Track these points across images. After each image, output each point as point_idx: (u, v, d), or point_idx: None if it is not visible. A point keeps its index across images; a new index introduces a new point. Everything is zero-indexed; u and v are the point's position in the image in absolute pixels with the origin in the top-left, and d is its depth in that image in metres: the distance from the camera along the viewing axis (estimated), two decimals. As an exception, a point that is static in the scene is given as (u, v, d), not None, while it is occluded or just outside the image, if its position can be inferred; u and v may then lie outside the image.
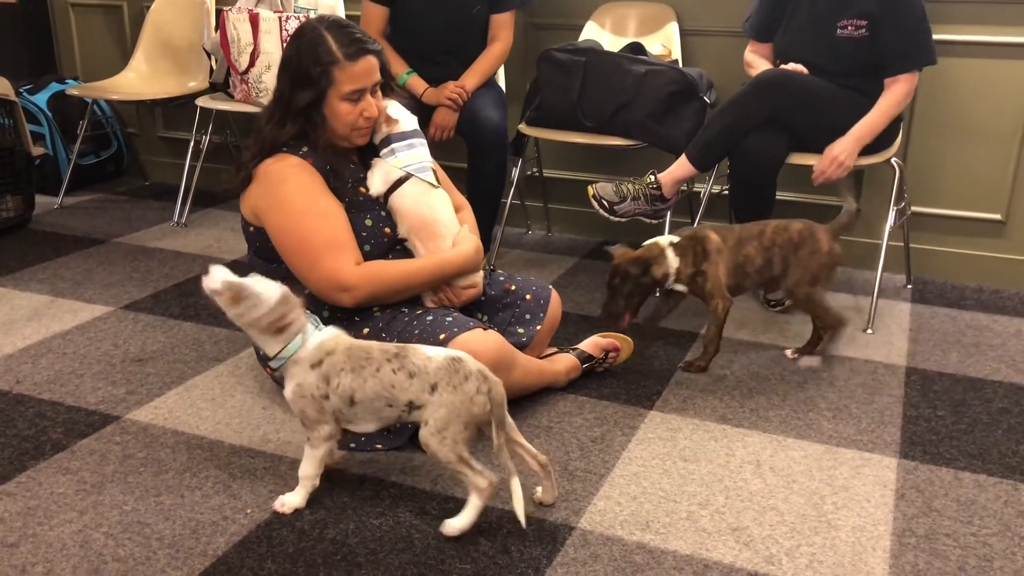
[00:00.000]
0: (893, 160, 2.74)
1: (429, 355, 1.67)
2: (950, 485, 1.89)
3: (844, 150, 2.56)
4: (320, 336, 1.71)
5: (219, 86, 3.61)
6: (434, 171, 2.12)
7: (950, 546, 1.69)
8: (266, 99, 3.28)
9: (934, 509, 1.81)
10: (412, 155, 2.08)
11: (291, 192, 1.98)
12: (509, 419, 1.68)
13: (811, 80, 2.60)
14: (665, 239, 2.32)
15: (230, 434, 2.05)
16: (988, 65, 2.88)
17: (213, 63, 3.70)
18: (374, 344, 1.72)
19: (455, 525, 1.68)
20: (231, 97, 3.48)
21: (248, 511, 1.76)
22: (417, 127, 2.12)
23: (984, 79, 2.90)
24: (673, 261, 2.29)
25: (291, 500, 1.76)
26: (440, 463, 1.66)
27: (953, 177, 3.01)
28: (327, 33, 1.96)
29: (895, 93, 2.60)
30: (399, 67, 2.98)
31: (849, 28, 2.60)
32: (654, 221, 2.81)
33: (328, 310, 2.03)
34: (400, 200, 2.07)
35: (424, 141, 2.13)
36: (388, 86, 2.07)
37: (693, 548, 1.68)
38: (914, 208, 3.02)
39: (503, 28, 3.04)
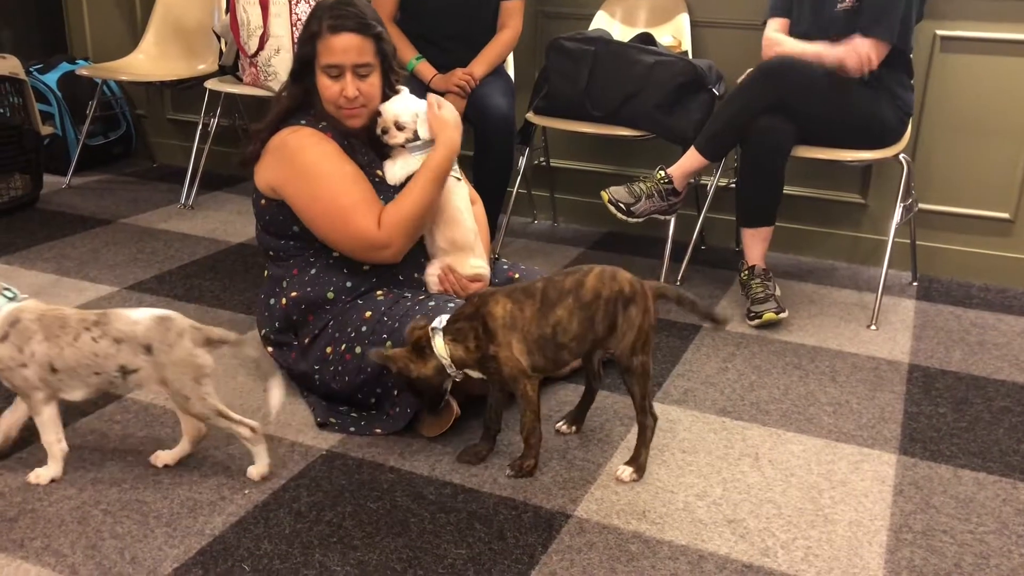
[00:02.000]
0: (901, 156, 2.73)
1: (134, 318, 1.69)
2: (949, 482, 1.89)
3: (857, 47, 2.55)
4: (7, 307, 1.71)
5: (228, 69, 3.61)
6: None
7: (947, 543, 1.69)
8: (275, 82, 3.28)
9: (932, 505, 1.80)
10: None
11: (313, 159, 1.99)
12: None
13: (815, 67, 2.58)
14: (437, 322, 1.81)
15: (230, 415, 2.05)
16: (999, 62, 2.86)
17: (223, 46, 3.70)
18: (72, 312, 1.73)
19: (257, 472, 1.79)
20: (240, 80, 3.48)
21: (246, 491, 1.77)
22: None
23: (995, 77, 2.88)
24: (443, 350, 1.78)
25: (45, 472, 1.78)
26: (202, 420, 1.76)
27: (962, 175, 3.00)
28: (327, 7, 1.99)
29: (839, 49, 2.56)
30: (408, 53, 2.98)
31: (846, 1, 2.60)
32: (668, 217, 2.81)
33: (349, 280, 2.05)
34: None
35: None
36: (388, 73, 2.06)
37: (689, 539, 1.68)
38: (921, 205, 3.00)
39: (513, 16, 3.03)
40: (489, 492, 1.79)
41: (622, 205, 2.68)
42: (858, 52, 2.54)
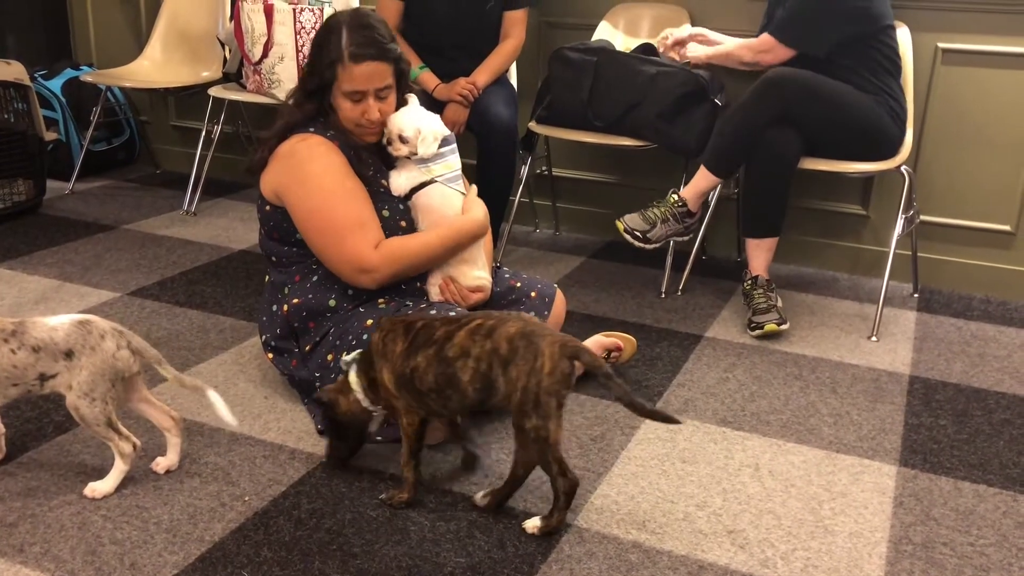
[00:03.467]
0: (903, 168, 2.73)
1: (52, 325, 1.69)
2: (949, 494, 1.89)
3: (697, 50, 2.81)
4: None
5: (232, 76, 3.62)
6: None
7: (947, 555, 1.69)
8: (279, 90, 3.30)
9: (932, 518, 1.80)
10: (443, 165, 2.09)
11: (319, 171, 2.00)
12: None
13: (817, 76, 2.60)
14: (351, 355, 1.81)
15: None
16: (1000, 75, 2.87)
17: (227, 53, 3.72)
18: None
19: (100, 489, 1.76)
20: (244, 87, 3.49)
21: (246, 499, 1.77)
22: (449, 132, 2.11)
23: (996, 89, 2.88)
24: (355, 382, 1.77)
25: None
26: (89, 428, 1.72)
27: (963, 187, 3.00)
28: (345, 29, 1.97)
29: (751, 41, 2.72)
30: (413, 61, 2.99)
31: None
32: (685, 238, 2.82)
33: (351, 288, 2.04)
34: (425, 198, 2.08)
35: (455, 147, 2.13)
36: (403, 91, 2.07)
37: (688, 549, 1.68)
38: (923, 217, 3.01)
39: (516, 25, 3.05)
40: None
41: (638, 233, 2.69)
42: (761, 44, 2.70)
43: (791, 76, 2.59)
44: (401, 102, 2.09)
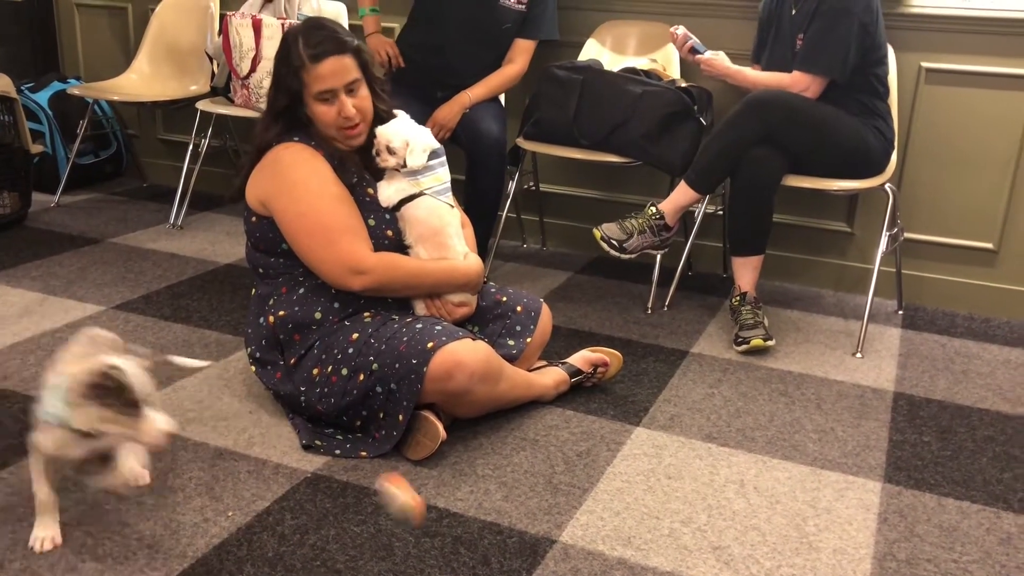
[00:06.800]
0: (887, 186, 2.76)
1: None
2: (933, 511, 1.89)
3: (715, 64, 2.78)
4: None
5: (220, 90, 3.62)
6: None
7: (930, 571, 1.69)
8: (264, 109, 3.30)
9: (916, 534, 1.81)
10: (432, 177, 2.10)
11: (305, 176, 2.00)
12: None
13: (801, 99, 2.63)
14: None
15: (215, 436, 2.04)
16: (983, 95, 2.90)
17: (215, 67, 3.72)
18: None
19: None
20: (232, 102, 3.49)
21: (230, 514, 1.76)
22: (438, 145, 2.12)
23: (979, 109, 2.91)
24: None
25: None
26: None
27: (947, 205, 3.03)
28: (299, 36, 2.01)
29: (783, 77, 2.69)
30: (366, 2, 3.14)
31: (799, 42, 2.69)
32: (661, 252, 2.83)
33: (337, 301, 2.03)
34: (413, 210, 2.08)
35: (444, 160, 2.15)
36: (372, 82, 2.07)
37: (674, 565, 1.67)
38: (908, 234, 3.03)
39: (523, 53, 3.08)
40: (474, 517, 1.79)
41: (615, 242, 2.70)
42: (796, 83, 2.66)
43: (775, 97, 2.62)
44: (389, 116, 2.10)
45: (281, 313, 2.05)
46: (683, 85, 2.93)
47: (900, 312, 3.02)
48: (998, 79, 2.87)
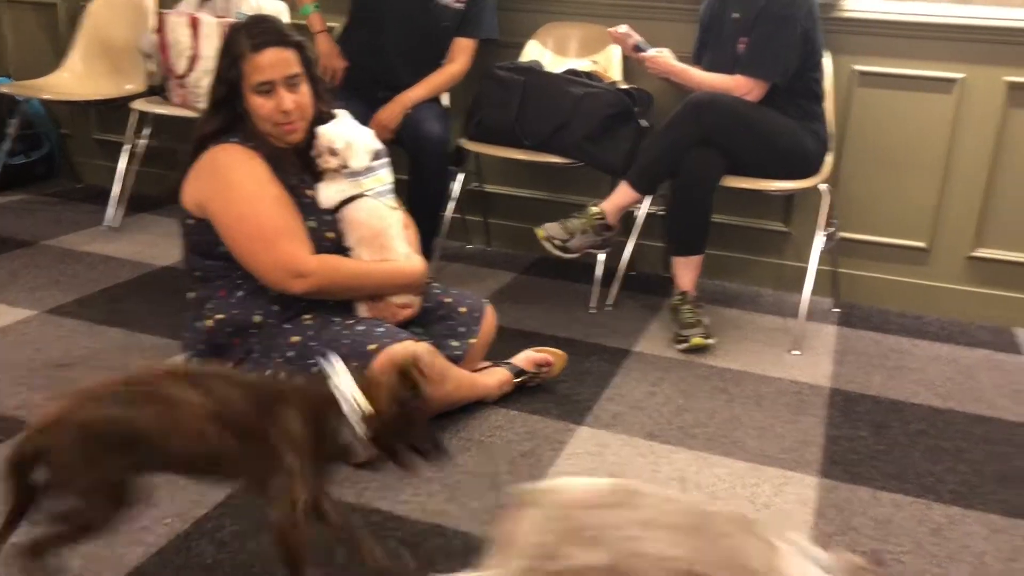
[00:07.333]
0: (822, 186, 2.82)
1: None
2: (868, 504, 1.94)
3: (659, 61, 2.78)
4: None
5: (156, 89, 3.55)
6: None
7: (865, 563, 1.73)
8: (205, 104, 3.24)
9: (852, 527, 1.85)
10: (374, 179, 2.09)
11: (242, 178, 1.97)
12: None
13: (740, 101, 2.67)
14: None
15: (152, 442, 2.00)
16: (915, 97, 2.98)
17: (152, 65, 3.64)
18: None
19: None
20: (168, 101, 3.42)
21: (167, 521, 1.73)
22: (381, 146, 2.11)
23: (911, 111, 2.99)
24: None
25: None
26: None
27: (880, 205, 3.10)
28: (243, 28, 1.99)
29: (727, 80, 2.72)
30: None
31: (740, 45, 2.73)
32: (604, 252, 2.86)
33: (276, 303, 2.01)
34: (354, 212, 2.06)
35: (386, 160, 2.13)
36: (315, 81, 2.06)
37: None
38: (843, 234, 3.10)
39: (464, 52, 3.07)
40: (418, 519, 1.78)
41: (557, 242, 2.71)
42: (739, 87, 2.70)
43: (716, 100, 2.66)
44: (330, 116, 2.08)
45: (219, 316, 2.02)
46: (624, 87, 2.96)
47: (836, 310, 3.09)
48: (928, 82, 2.96)
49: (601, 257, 2.96)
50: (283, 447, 1.38)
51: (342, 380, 1.44)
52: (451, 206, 3.17)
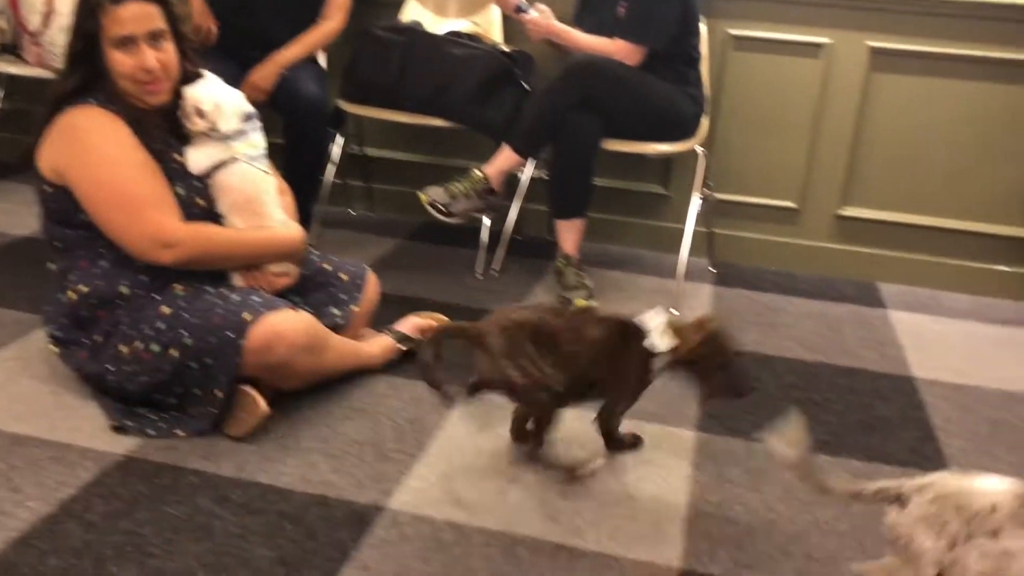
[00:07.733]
0: (697, 148, 2.88)
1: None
2: (742, 455, 2.01)
3: (540, 23, 2.78)
4: None
5: (8, 47, 3.31)
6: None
7: (740, 512, 1.80)
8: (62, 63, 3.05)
9: (727, 478, 1.92)
10: (246, 143, 2.00)
11: (102, 142, 1.87)
12: None
13: (619, 65, 2.70)
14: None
15: (11, 422, 1.89)
16: (787, 61, 3.07)
17: (2, 22, 3.39)
18: None
19: None
20: (22, 60, 3.20)
21: (29, 504, 1.64)
22: (252, 109, 2.02)
23: (783, 75, 3.09)
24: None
25: None
26: None
27: (753, 166, 3.20)
28: None
29: (608, 44, 2.74)
30: None
31: (620, 9, 2.75)
32: (488, 215, 2.84)
33: (144, 273, 1.91)
34: (226, 177, 1.98)
35: (258, 124, 2.05)
36: (181, 39, 1.96)
37: (502, 524, 1.70)
38: (718, 195, 3.18)
39: (339, 9, 2.96)
40: (300, 491, 1.75)
41: (440, 205, 2.68)
42: (619, 51, 2.72)
43: (596, 63, 2.67)
44: (195, 76, 1.98)
45: (83, 288, 1.92)
46: (505, 49, 2.94)
47: (712, 270, 3.18)
48: (802, 47, 3.05)
49: (486, 222, 2.95)
50: (630, 371, 1.85)
51: (655, 324, 1.86)
52: (331, 170, 3.10)
